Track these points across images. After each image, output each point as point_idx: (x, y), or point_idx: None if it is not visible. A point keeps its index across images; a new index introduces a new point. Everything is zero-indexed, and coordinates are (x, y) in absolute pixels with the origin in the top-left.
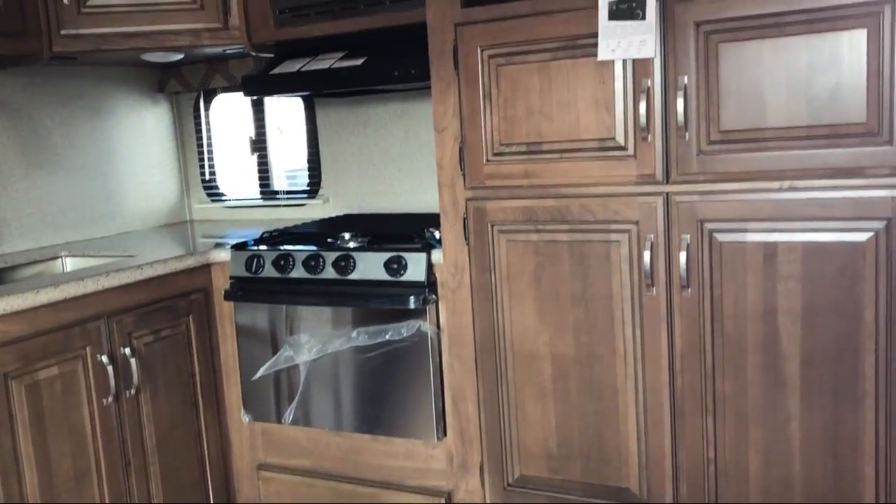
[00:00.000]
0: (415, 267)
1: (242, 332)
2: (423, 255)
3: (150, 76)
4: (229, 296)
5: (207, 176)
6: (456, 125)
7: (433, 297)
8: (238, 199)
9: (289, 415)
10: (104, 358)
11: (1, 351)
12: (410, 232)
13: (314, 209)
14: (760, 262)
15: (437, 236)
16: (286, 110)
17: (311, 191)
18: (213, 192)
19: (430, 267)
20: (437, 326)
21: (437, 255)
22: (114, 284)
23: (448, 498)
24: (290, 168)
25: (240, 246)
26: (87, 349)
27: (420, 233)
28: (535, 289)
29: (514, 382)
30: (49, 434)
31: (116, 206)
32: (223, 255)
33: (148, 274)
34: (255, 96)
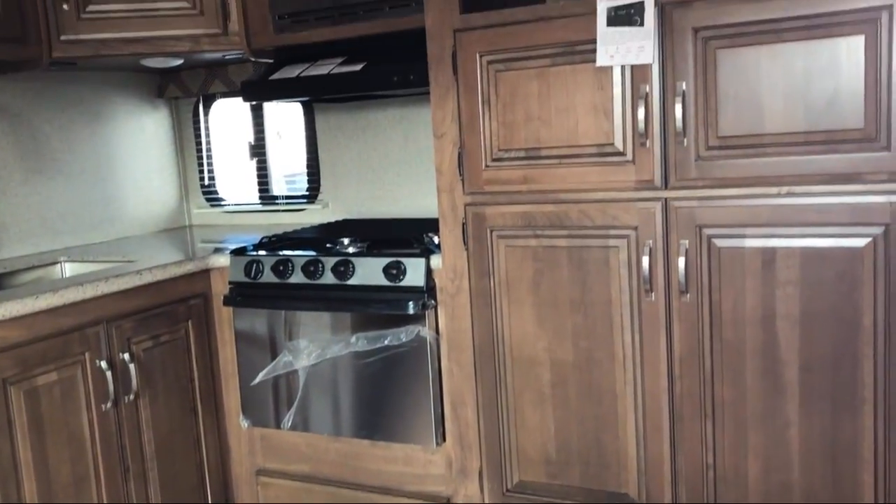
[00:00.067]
0: (414, 272)
1: (241, 338)
2: (422, 260)
3: (150, 81)
4: (228, 301)
5: (207, 181)
6: (455, 131)
7: (432, 302)
8: (237, 203)
9: (288, 420)
10: (103, 363)
11: (0, 356)
12: (409, 237)
13: (313, 214)
14: (759, 268)
15: (436, 241)
16: (285, 115)
17: (311, 196)
18: (212, 196)
19: (429, 272)
20: (436, 332)
21: (436, 261)
22: (113, 290)
23: (447, 503)
24: (290, 172)
25: (239, 251)
26: (86, 355)
27: (419, 238)
28: (534, 294)
29: (513, 388)
30: (48, 440)
31: (116, 211)
32: (222, 261)
33: (147, 279)
34: (254, 102)
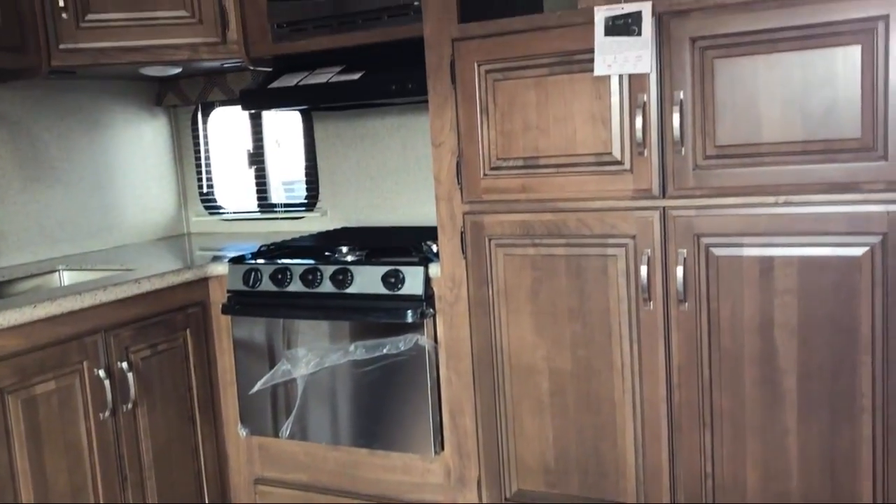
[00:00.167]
0: (412, 281)
1: (240, 346)
2: (421, 268)
3: (149, 90)
4: (227, 310)
5: (205, 189)
6: (453, 140)
7: (431, 310)
8: (236, 212)
9: (286, 429)
10: (101, 372)
11: None
12: (408, 245)
13: (312, 222)
14: (757, 277)
15: (434, 250)
16: (284, 123)
17: (309, 204)
18: (210, 205)
19: (427, 281)
20: (435, 340)
21: (434, 269)
22: (111, 299)
23: None
24: (288, 179)
25: (237, 260)
26: (85, 363)
27: (417, 246)
28: (533, 303)
29: (511, 396)
30: (45, 449)
31: (114, 219)
32: (221, 269)
33: (145, 288)
34: (253, 110)
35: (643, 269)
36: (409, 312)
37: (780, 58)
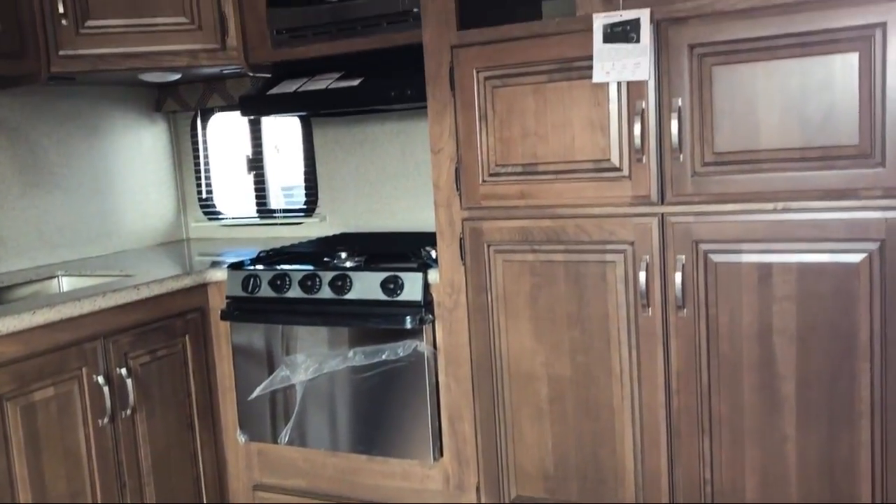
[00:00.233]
0: (411, 287)
1: (239, 352)
2: (420, 274)
3: (148, 95)
4: (226, 315)
5: (204, 194)
6: (452, 146)
7: (430, 316)
8: (235, 217)
9: (285, 435)
10: (100, 378)
11: None
12: (407, 251)
13: (311, 227)
14: (755, 283)
15: (433, 255)
16: (283, 129)
17: (308, 209)
18: (209, 210)
19: (426, 287)
20: (434, 346)
21: (433, 275)
22: (110, 305)
23: None
24: (287, 184)
25: (236, 265)
26: (83, 370)
27: (416, 252)
28: (532, 309)
29: (510, 403)
30: (44, 455)
31: (113, 224)
32: (220, 275)
33: (144, 294)
34: (252, 116)
35: (642, 276)
36: (408, 318)
37: (779, 65)
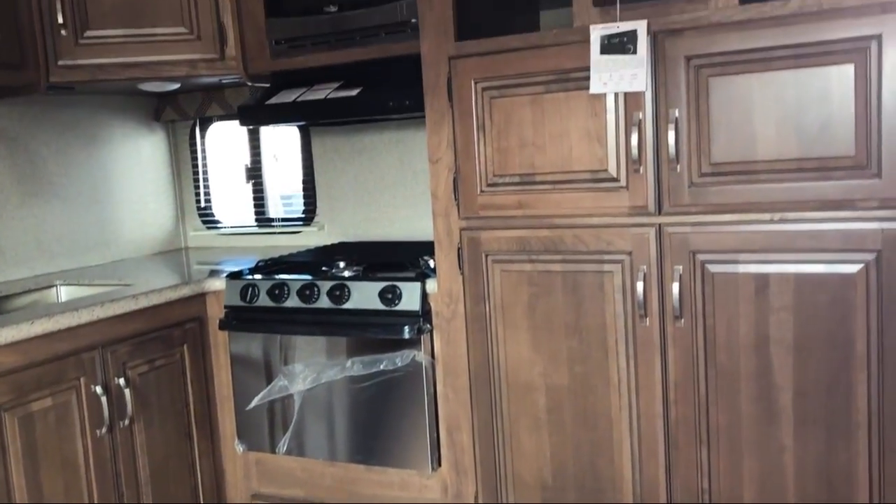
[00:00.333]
0: (409, 296)
1: (237, 362)
2: (418, 284)
3: (147, 105)
4: (224, 325)
5: (203, 203)
6: (450, 156)
7: (428, 326)
8: (233, 226)
9: (283, 445)
10: (98, 388)
11: None
12: (405, 260)
13: (309, 236)
14: (752, 294)
15: (431, 265)
16: (282, 138)
17: (307, 218)
18: (208, 219)
19: (424, 296)
20: (432, 356)
21: (431, 285)
22: (108, 314)
23: None
24: (285, 193)
25: (235, 275)
26: (82, 380)
27: (414, 262)
28: (530, 319)
29: (508, 413)
30: (42, 466)
31: (112, 233)
32: (218, 284)
33: (143, 304)
34: (251, 126)
35: (639, 286)
36: (406, 328)
37: (775, 76)
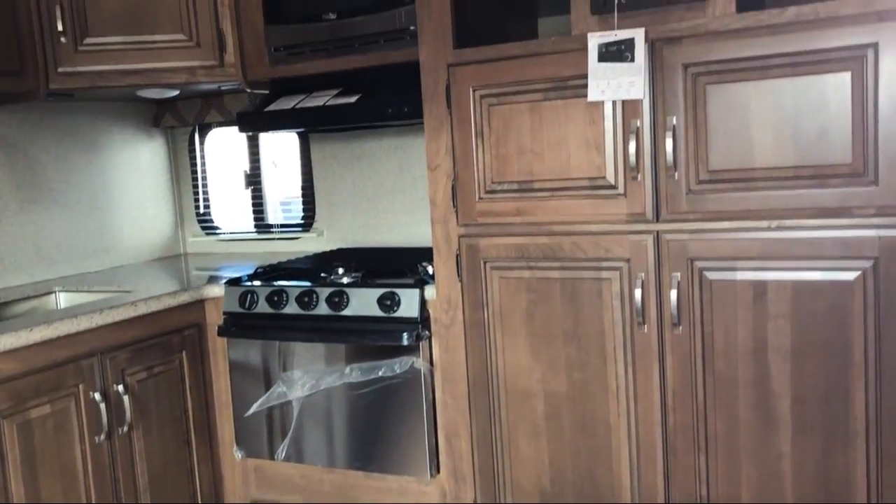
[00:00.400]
0: (408, 303)
1: (236, 368)
2: (417, 291)
3: (146, 111)
4: (223, 331)
5: (202, 209)
6: (449, 163)
7: (426, 333)
8: (233, 232)
9: (282, 451)
10: (97, 395)
11: None
12: (404, 267)
13: (308, 242)
14: (750, 301)
15: (430, 271)
16: (281, 144)
17: (306, 224)
18: (207, 225)
19: (423, 303)
20: (431, 363)
21: (430, 291)
22: (107, 321)
23: None
24: (284, 199)
25: (233, 281)
26: (80, 387)
27: (413, 268)
28: (528, 326)
29: (507, 419)
30: (40, 473)
31: (111, 240)
32: (217, 291)
33: (142, 310)
34: (250, 132)
35: (637, 293)
36: (405, 335)
37: (772, 84)
